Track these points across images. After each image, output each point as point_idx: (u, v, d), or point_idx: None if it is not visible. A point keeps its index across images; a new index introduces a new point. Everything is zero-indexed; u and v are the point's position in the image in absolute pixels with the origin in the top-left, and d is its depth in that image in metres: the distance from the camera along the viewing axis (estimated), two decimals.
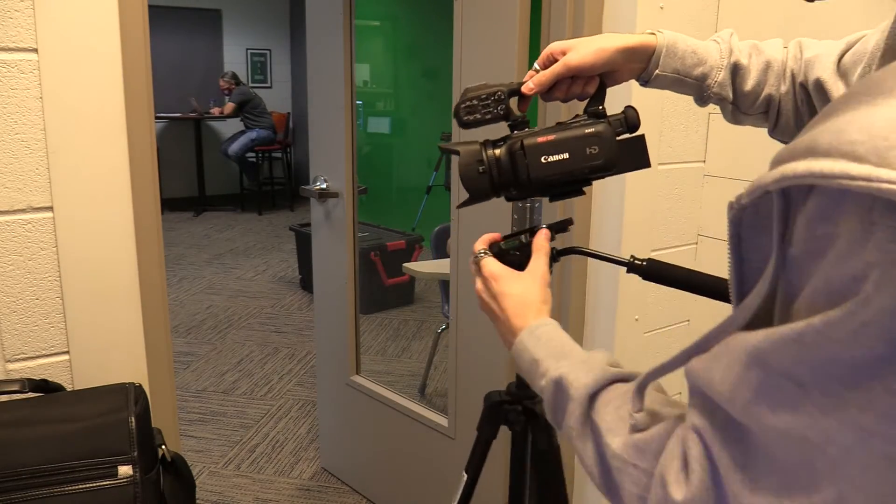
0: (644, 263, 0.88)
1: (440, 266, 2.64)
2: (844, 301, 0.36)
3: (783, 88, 0.88)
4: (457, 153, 0.85)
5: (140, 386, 1.11)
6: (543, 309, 0.76)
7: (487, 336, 1.79)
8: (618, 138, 0.83)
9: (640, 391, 0.54)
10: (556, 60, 0.89)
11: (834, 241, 0.37)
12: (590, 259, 1.70)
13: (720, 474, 0.45)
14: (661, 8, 1.58)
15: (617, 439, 0.55)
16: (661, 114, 1.65)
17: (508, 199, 0.87)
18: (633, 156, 0.84)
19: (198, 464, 2.61)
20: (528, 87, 0.90)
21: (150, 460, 1.05)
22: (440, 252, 2.87)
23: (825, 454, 0.38)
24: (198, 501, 1.67)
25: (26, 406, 1.03)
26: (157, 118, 5.42)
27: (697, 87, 0.89)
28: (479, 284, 0.81)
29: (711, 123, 1.76)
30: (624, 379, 0.61)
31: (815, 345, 0.37)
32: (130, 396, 1.06)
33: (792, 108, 0.88)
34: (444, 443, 1.99)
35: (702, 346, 0.46)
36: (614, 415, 0.56)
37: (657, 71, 0.87)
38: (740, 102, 0.89)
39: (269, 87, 8.22)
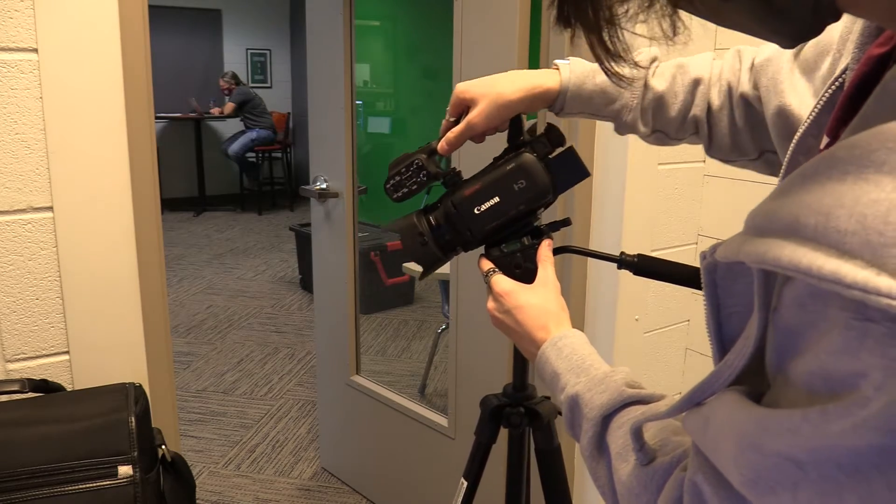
0: (635, 259, 0.87)
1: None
2: (842, 394, 0.33)
3: (716, 104, 0.83)
4: (397, 232, 0.85)
5: (140, 386, 1.11)
6: (563, 317, 0.76)
7: (487, 336, 1.79)
8: (546, 159, 0.81)
9: (637, 433, 0.53)
10: (465, 108, 0.89)
11: (827, 322, 0.34)
12: (590, 259, 1.70)
13: None
14: None
15: (625, 466, 0.55)
16: None
17: (467, 250, 0.87)
18: (568, 171, 0.82)
19: (198, 464, 2.61)
20: (442, 147, 0.88)
21: (150, 460, 1.05)
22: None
23: None
24: (198, 501, 1.67)
25: (26, 406, 1.03)
26: (157, 118, 5.42)
27: (613, 121, 0.86)
28: (490, 303, 0.80)
29: None
30: (641, 400, 0.60)
31: (812, 435, 0.35)
32: (130, 396, 1.06)
33: (727, 124, 0.83)
34: (444, 443, 1.99)
35: (692, 399, 0.45)
36: (625, 440, 0.56)
37: (564, 110, 0.86)
38: (667, 129, 0.86)
39: (269, 87, 8.23)
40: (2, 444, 0.96)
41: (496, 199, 0.81)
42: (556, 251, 0.89)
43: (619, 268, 0.88)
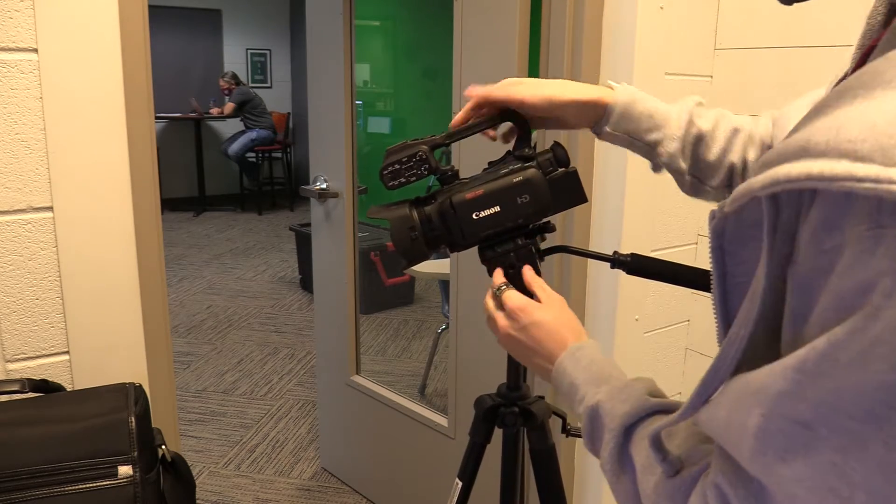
0: (628, 258, 0.87)
1: (440, 266, 2.63)
2: (852, 312, 0.32)
3: (751, 155, 0.81)
4: (387, 220, 0.84)
5: (140, 386, 1.11)
6: (579, 329, 0.74)
7: (487, 336, 1.79)
8: (550, 177, 0.80)
9: (656, 443, 0.51)
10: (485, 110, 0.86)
11: (842, 251, 0.34)
12: (590, 259, 1.70)
13: None
14: (661, 8, 1.58)
15: (651, 479, 0.52)
16: None
17: (453, 251, 0.86)
18: (568, 193, 0.81)
19: (198, 464, 2.61)
20: (456, 120, 0.86)
21: (150, 460, 1.05)
22: (440, 252, 2.87)
23: (852, 502, 0.34)
24: (198, 501, 1.67)
25: (26, 406, 1.03)
26: (157, 118, 5.42)
27: (648, 152, 0.83)
28: (502, 320, 0.77)
29: None
30: (664, 410, 0.58)
31: (818, 373, 0.33)
32: (130, 396, 1.06)
33: None
34: (444, 443, 1.99)
35: (702, 394, 0.43)
36: (648, 451, 0.53)
37: (608, 128, 0.82)
38: (703, 174, 0.83)
39: (269, 87, 8.22)
40: (2, 444, 0.96)
41: (497, 209, 0.80)
42: (552, 250, 0.89)
43: (612, 267, 0.88)
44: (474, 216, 0.81)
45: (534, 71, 1.63)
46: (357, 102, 2.20)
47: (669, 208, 1.73)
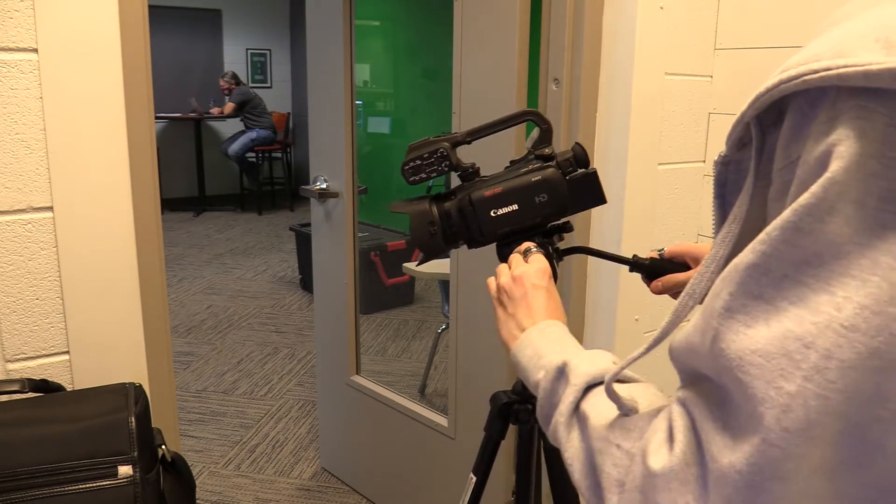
0: (647, 262, 0.88)
1: (440, 266, 2.63)
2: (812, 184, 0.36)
3: None
4: (406, 214, 0.86)
5: (140, 386, 1.11)
6: (560, 315, 0.75)
7: (487, 336, 1.79)
8: (569, 177, 0.81)
9: (611, 392, 0.51)
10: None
11: (806, 157, 0.37)
12: (590, 259, 1.70)
13: (701, 440, 0.42)
14: (661, 8, 1.58)
15: (604, 421, 0.52)
16: (661, 114, 1.65)
17: (471, 248, 0.87)
18: (587, 194, 0.82)
19: (198, 464, 2.61)
20: (656, 287, 0.95)
21: (150, 460, 1.05)
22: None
23: (806, 361, 0.35)
24: (198, 501, 1.67)
25: (26, 406, 1.03)
26: (157, 118, 5.41)
27: None
28: (518, 269, 0.77)
29: (711, 123, 1.76)
30: (627, 380, 0.59)
31: (783, 240, 0.36)
32: (130, 396, 1.06)
33: None
34: (444, 443, 1.99)
35: (675, 320, 0.46)
36: (607, 404, 0.53)
37: None
38: None
39: (269, 87, 8.22)
40: (2, 444, 0.96)
41: (514, 207, 0.81)
42: (571, 251, 0.89)
43: (630, 270, 0.89)
44: (492, 213, 0.82)
45: (534, 71, 1.63)
46: (357, 102, 2.20)
47: (669, 208, 1.73)
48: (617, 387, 0.52)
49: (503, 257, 0.84)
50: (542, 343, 0.67)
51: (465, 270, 1.83)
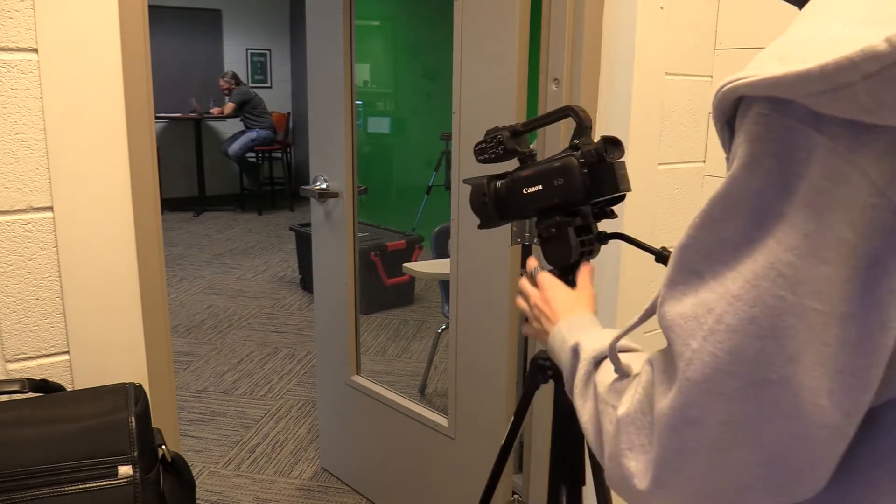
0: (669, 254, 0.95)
1: (440, 266, 2.63)
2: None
3: None
4: (471, 185, 1.02)
5: (140, 386, 1.11)
6: (587, 306, 0.86)
7: (487, 336, 1.79)
8: (587, 166, 0.89)
9: (614, 354, 0.59)
10: None
11: (731, 152, 0.45)
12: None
13: (653, 391, 0.50)
14: (661, 8, 1.58)
15: (605, 388, 0.59)
16: (661, 114, 1.65)
17: (517, 219, 1.00)
18: (603, 182, 0.90)
19: (198, 464, 2.61)
20: None
21: (150, 460, 1.05)
22: (440, 252, 2.87)
23: (706, 324, 0.43)
24: (198, 501, 1.67)
25: (26, 406, 1.03)
26: (157, 118, 5.42)
27: None
28: (533, 291, 0.91)
29: (711, 123, 1.76)
30: (628, 349, 0.66)
31: (702, 226, 0.44)
32: (130, 396, 1.06)
33: None
34: (444, 443, 1.99)
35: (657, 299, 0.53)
36: (611, 374, 0.60)
37: None
38: None
39: (269, 87, 8.22)
40: (2, 444, 0.96)
41: (540, 187, 0.93)
42: (611, 237, 1.00)
43: (656, 261, 0.98)
44: (524, 191, 0.95)
45: (534, 71, 1.63)
46: (357, 102, 2.20)
47: (669, 208, 1.73)
48: (621, 355, 0.60)
49: (538, 231, 0.96)
50: (565, 331, 0.77)
51: (465, 270, 1.83)
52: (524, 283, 0.95)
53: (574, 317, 0.81)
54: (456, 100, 1.76)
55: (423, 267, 2.90)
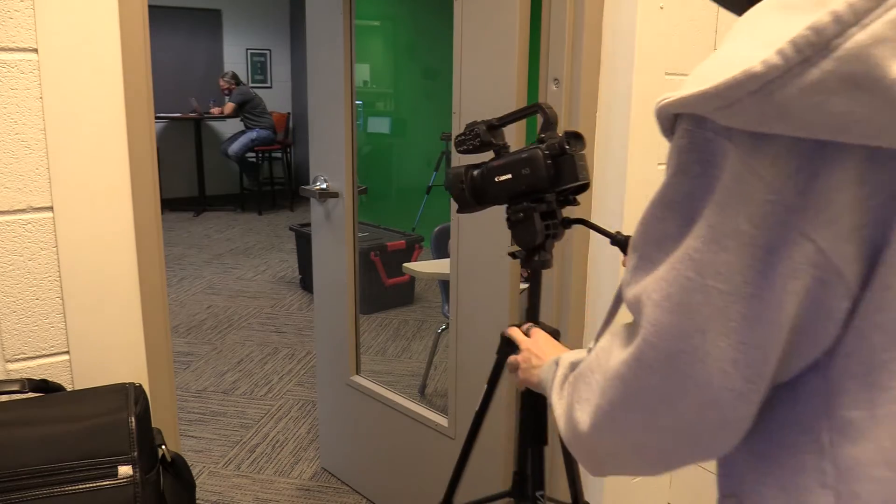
0: (625, 239, 1.05)
1: (440, 266, 2.63)
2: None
3: None
4: (450, 174, 1.12)
5: (140, 386, 1.11)
6: (561, 352, 0.96)
7: (487, 336, 1.79)
8: (550, 157, 0.99)
9: (597, 340, 0.66)
10: None
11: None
12: (590, 258, 1.71)
13: (607, 355, 0.58)
14: (661, 8, 1.58)
15: (576, 377, 0.66)
16: None
17: (490, 205, 1.10)
18: (564, 173, 0.99)
19: (198, 464, 2.61)
20: None
21: (150, 460, 1.05)
22: (440, 252, 2.87)
23: (645, 302, 0.51)
24: (198, 501, 1.67)
25: (26, 406, 1.03)
26: (157, 118, 5.42)
27: None
28: (525, 340, 1.05)
29: None
30: None
31: (644, 223, 0.52)
32: (130, 396, 1.06)
33: None
34: (444, 443, 1.99)
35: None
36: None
37: None
38: None
39: (269, 87, 8.22)
40: (2, 444, 0.96)
41: (509, 176, 1.03)
42: (572, 222, 1.11)
43: (611, 244, 1.08)
44: (496, 179, 1.05)
45: (534, 71, 1.63)
46: (357, 102, 2.20)
47: None
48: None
49: (507, 216, 1.07)
50: (552, 361, 0.86)
51: (465, 270, 1.83)
52: (515, 331, 1.09)
53: (558, 358, 0.90)
54: (456, 100, 1.76)
55: (423, 267, 2.90)
